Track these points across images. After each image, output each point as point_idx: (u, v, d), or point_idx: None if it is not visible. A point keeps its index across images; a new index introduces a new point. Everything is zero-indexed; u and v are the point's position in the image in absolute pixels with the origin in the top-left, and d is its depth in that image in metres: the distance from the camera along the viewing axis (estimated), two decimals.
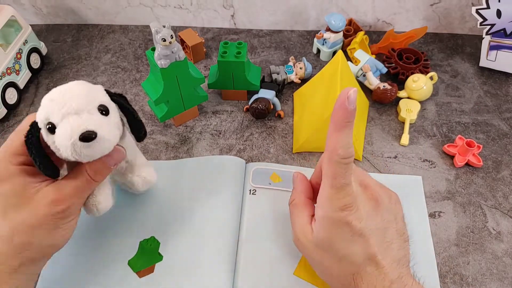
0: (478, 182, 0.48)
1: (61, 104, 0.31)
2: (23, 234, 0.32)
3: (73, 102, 0.31)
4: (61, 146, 0.31)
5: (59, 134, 0.30)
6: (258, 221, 0.45)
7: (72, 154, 0.31)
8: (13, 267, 0.32)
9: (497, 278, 0.40)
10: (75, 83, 0.33)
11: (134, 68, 0.65)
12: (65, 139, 0.30)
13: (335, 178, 0.32)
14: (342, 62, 0.49)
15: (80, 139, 0.30)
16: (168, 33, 0.43)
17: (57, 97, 0.31)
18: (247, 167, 0.50)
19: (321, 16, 0.68)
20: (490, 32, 0.58)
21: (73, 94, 0.31)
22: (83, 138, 0.30)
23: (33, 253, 0.33)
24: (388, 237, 0.34)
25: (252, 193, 0.47)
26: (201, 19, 0.71)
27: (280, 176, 0.48)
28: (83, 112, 0.31)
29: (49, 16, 0.73)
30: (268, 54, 0.66)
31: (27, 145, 0.32)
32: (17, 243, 0.32)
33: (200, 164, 0.50)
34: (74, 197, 0.34)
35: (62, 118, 0.30)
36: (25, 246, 0.32)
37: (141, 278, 0.41)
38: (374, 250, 0.32)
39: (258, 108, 0.53)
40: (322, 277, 0.37)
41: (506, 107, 0.56)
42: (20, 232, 0.31)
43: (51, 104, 0.31)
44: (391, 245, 0.33)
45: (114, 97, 0.35)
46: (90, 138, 0.30)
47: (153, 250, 0.43)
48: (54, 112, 0.31)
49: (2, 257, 0.31)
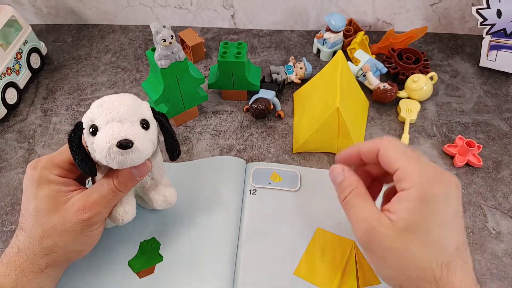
0: (478, 182, 0.48)
1: (109, 110, 0.33)
2: (52, 237, 0.34)
3: (120, 110, 0.33)
4: (97, 148, 0.33)
5: (99, 136, 0.32)
6: (259, 220, 0.45)
7: (106, 157, 0.32)
8: (41, 267, 0.34)
9: (497, 278, 0.40)
10: (126, 94, 0.35)
11: (134, 68, 0.65)
12: (104, 142, 0.32)
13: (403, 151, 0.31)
14: (342, 62, 0.49)
15: (117, 146, 0.32)
16: (168, 34, 0.43)
17: (107, 103, 0.33)
18: (247, 167, 0.50)
19: (321, 16, 0.68)
20: (490, 32, 0.58)
21: (121, 103, 0.33)
22: (120, 145, 0.32)
23: (59, 256, 0.35)
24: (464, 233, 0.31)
25: (252, 193, 0.47)
26: (201, 19, 0.71)
27: (280, 176, 0.49)
28: (126, 122, 0.33)
29: (49, 16, 0.73)
30: (268, 54, 0.66)
31: (69, 142, 0.34)
32: (45, 245, 0.34)
33: (200, 165, 0.50)
34: (100, 205, 0.35)
35: (106, 123, 0.33)
36: (52, 248, 0.34)
37: (141, 279, 0.41)
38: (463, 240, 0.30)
39: (258, 108, 0.53)
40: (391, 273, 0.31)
41: (506, 107, 0.56)
42: (50, 235, 0.34)
43: (99, 109, 0.33)
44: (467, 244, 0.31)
45: (156, 115, 0.37)
46: (127, 146, 0.32)
47: (153, 250, 0.43)
48: (100, 116, 0.33)
49: (32, 257, 0.34)
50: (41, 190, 0.35)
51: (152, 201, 0.41)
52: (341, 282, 0.40)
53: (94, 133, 0.33)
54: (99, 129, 0.33)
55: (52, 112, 0.59)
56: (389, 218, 0.30)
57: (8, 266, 0.33)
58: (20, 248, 0.34)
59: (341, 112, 0.45)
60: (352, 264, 0.41)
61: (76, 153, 0.34)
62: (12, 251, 0.34)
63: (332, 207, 0.46)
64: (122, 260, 0.42)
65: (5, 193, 0.49)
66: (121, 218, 0.38)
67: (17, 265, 0.33)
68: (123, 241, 0.43)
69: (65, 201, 0.35)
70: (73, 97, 0.61)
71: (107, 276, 0.41)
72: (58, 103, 0.60)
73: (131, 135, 0.32)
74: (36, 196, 0.35)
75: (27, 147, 0.54)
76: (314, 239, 0.43)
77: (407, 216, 0.29)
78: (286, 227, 0.44)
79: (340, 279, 0.40)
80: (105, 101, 0.34)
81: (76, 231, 0.35)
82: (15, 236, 0.35)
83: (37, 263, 0.34)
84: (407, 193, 0.30)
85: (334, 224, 0.44)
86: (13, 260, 0.33)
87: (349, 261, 0.41)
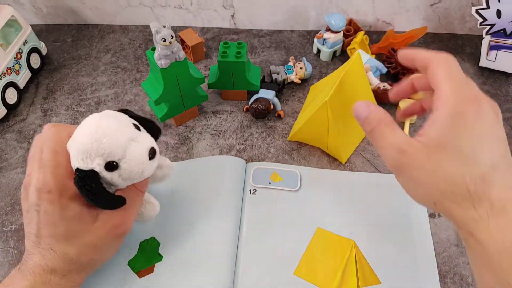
0: None
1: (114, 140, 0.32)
2: (87, 255, 0.35)
3: (124, 133, 0.33)
4: (133, 173, 0.33)
5: (129, 164, 0.33)
6: (259, 220, 0.45)
7: (147, 174, 0.34)
8: (76, 282, 0.36)
9: None
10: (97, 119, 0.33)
11: (134, 68, 0.65)
12: (138, 164, 0.33)
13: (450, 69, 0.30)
14: (354, 63, 0.48)
15: (150, 158, 0.34)
16: (168, 33, 0.43)
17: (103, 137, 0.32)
18: (248, 167, 0.50)
19: (321, 16, 0.68)
20: (490, 32, 0.58)
21: (113, 127, 0.33)
22: (152, 156, 0.34)
23: (93, 268, 0.37)
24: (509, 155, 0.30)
25: (252, 193, 0.47)
26: (201, 19, 0.71)
27: (280, 176, 0.49)
28: (136, 136, 0.34)
29: (49, 16, 0.73)
30: (268, 54, 0.66)
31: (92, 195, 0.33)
32: (83, 261, 0.35)
33: (200, 165, 0.50)
34: (132, 215, 0.37)
35: (125, 150, 0.33)
36: (88, 264, 0.36)
37: (140, 278, 0.41)
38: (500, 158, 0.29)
39: (258, 108, 0.53)
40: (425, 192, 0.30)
41: (506, 107, 0.56)
42: (85, 253, 0.35)
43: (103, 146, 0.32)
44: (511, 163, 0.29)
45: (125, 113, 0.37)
46: (154, 153, 0.34)
47: (153, 250, 0.43)
48: (113, 150, 0.32)
49: (69, 274, 0.35)
50: (67, 211, 0.34)
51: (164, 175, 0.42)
52: (341, 282, 0.40)
53: (115, 167, 0.33)
54: (120, 160, 0.33)
55: (52, 112, 0.59)
56: (420, 141, 0.29)
57: (44, 285, 0.33)
58: (53, 268, 0.34)
59: (329, 107, 0.45)
60: (352, 264, 0.41)
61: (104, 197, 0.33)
62: (43, 270, 0.33)
63: (332, 207, 0.46)
64: (122, 260, 0.42)
65: (5, 193, 0.49)
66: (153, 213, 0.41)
67: (54, 284, 0.34)
68: (123, 241, 0.43)
69: (92, 218, 0.35)
70: (73, 97, 0.61)
71: (107, 276, 0.41)
72: (58, 103, 0.60)
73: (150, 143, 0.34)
74: (63, 218, 0.34)
75: (27, 147, 0.54)
76: (314, 239, 0.43)
77: (437, 135, 0.29)
78: (286, 227, 0.44)
79: (340, 279, 0.40)
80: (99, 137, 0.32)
81: (112, 245, 0.37)
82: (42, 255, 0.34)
83: (73, 278, 0.35)
84: (439, 113, 0.29)
85: (334, 224, 0.44)
86: (48, 279, 0.33)
87: (349, 261, 0.42)
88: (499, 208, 0.27)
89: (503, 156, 0.29)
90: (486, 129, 0.29)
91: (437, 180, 0.29)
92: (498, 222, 0.27)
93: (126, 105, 0.59)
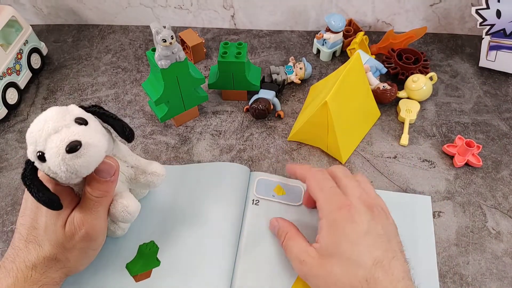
0: (477, 182, 0.48)
1: (40, 130, 0.32)
2: (63, 253, 0.35)
3: (49, 123, 0.32)
4: (54, 167, 0.31)
5: (49, 156, 0.31)
6: (259, 232, 0.44)
7: (68, 170, 0.31)
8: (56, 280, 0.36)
9: (496, 278, 0.41)
10: (47, 110, 0.33)
11: (134, 68, 0.65)
12: (55, 157, 0.31)
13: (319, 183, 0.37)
14: (354, 64, 0.48)
15: (67, 151, 0.31)
16: (169, 34, 0.43)
17: (34, 127, 0.32)
18: (252, 176, 0.49)
19: (321, 17, 0.68)
20: (490, 32, 0.58)
21: (46, 117, 0.32)
22: (69, 149, 0.31)
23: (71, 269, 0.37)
24: (392, 247, 0.33)
25: (255, 203, 0.46)
26: (201, 20, 0.71)
27: (284, 189, 0.48)
28: (62, 128, 0.32)
29: (49, 16, 0.73)
30: (268, 54, 0.66)
31: (26, 183, 0.33)
32: (59, 260, 0.35)
33: (204, 170, 0.49)
34: (90, 218, 0.35)
35: (45, 141, 0.31)
36: (65, 263, 0.36)
37: (137, 283, 0.40)
38: (380, 254, 0.32)
39: (258, 108, 0.53)
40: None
41: (506, 107, 0.57)
42: (61, 252, 0.35)
43: (32, 135, 0.32)
44: (396, 256, 0.33)
45: (88, 109, 0.36)
46: (75, 147, 0.31)
47: (151, 254, 0.42)
48: (38, 140, 0.32)
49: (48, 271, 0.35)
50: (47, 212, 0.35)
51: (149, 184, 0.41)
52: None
53: (43, 158, 0.32)
54: (45, 151, 0.31)
55: None
56: (315, 248, 0.35)
57: (25, 282, 0.33)
58: (35, 264, 0.34)
59: (329, 108, 0.44)
60: None
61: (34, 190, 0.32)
62: (26, 265, 0.34)
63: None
64: (121, 262, 0.42)
65: (5, 193, 0.49)
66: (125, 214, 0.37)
67: (35, 281, 0.34)
68: (123, 242, 0.43)
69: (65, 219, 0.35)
70: (73, 97, 0.61)
71: (104, 278, 0.41)
72: (58, 103, 0.60)
73: (74, 136, 0.31)
74: (48, 211, 0.35)
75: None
76: None
77: (324, 242, 0.34)
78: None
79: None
80: (32, 126, 0.32)
81: (82, 247, 0.36)
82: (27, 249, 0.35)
83: (52, 276, 0.35)
84: (321, 223, 0.35)
85: None
86: (29, 276, 0.34)
87: None
88: None
89: (385, 250, 0.33)
90: (361, 229, 0.33)
91: (331, 286, 0.33)
92: None
93: (127, 106, 0.59)
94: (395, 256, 0.33)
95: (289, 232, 0.39)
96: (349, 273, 0.32)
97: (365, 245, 0.32)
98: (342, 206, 0.34)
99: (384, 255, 0.32)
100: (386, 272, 0.31)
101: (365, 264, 0.32)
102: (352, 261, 0.32)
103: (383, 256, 0.32)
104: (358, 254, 0.32)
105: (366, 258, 0.32)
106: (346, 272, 0.32)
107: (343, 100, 0.47)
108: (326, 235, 0.34)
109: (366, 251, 0.32)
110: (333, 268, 0.33)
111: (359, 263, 0.32)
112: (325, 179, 0.38)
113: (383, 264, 0.32)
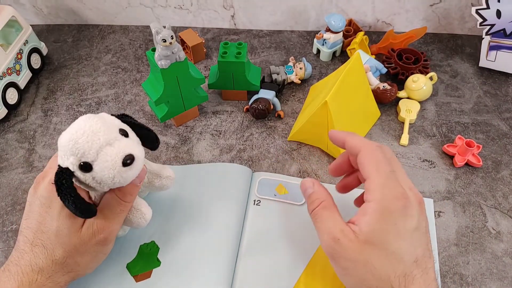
0: (477, 182, 0.48)
1: (88, 142, 0.32)
2: (73, 257, 0.35)
3: (100, 136, 0.32)
4: (104, 178, 0.33)
5: (100, 168, 0.32)
6: (260, 233, 0.44)
7: (119, 181, 0.33)
8: (61, 284, 0.36)
9: (496, 278, 0.41)
10: (84, 119, 0.33)
11: (134, 68, 0.65)
12: (109, 169, 0.32)
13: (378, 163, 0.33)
14: (354, 64, 0.48)
15: (123, 165, 0.33)
16: (169, 34, 0.43)
17: (80, 138, 0.32)
18: (254, 176, 0.49)
19: (321, 17, 0.68)
20: (490, 32, 0.58)
21: (93, 129, 0.33)
22: (125, 162, 0.33)
23: (78, 273, 0.37)
24: (429, 246, 0.33)
25: (256, 204, 0.46)
26: (201, 20, 0.71)
27: (286, 188, 0.48)
28: (114, 141, 0.33)
29: (49, 16, 0.73)
30: (268, 54, 0.66)
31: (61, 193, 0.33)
32: (67, 264, 0.35)
33: (206, 171, 0.49)
34: (113, 223, 0.36)
35: (97, 153, 0.32)
36: (74, 267, 0.36)
37: (137, 283, 0.40)
38: (421, 252, 0.31)
39: (258, 108, 0.53)
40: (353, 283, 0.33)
41: (506, 107, 0.57)
42: (71, 256, 0.35)
43: (78, 147, 0.32)
44: (431, 255, 0.32)
45: (122, 118, 0.37)
46: (131, 161, 0.33)
47: (152, 255, 0.42)
48: (87, 152, 0.32)
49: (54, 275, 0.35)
50: (63, 209, 0.35)
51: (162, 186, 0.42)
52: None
53: (88, 169, 0.32)
54: (92, 163, 0.32)
55: (52, 112, 0.59)
56: (353, 230, 0.32)
57: (30, 286, 0.33)
58: (42, 267, 0.34)
59: (329, 108, 0.44)
60: None
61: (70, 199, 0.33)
62: (32, 269, 0.34)
63: None
64: (121, 261, 0.42)
65: (5, 193, 0.50)
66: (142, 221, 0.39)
67: (39, 285, 0.34)
68: (123, 242, 0.43)
69: (81, 222, 0.36)
70: (73, 97, 0.61)
71: (105, 278, 0.41)
72: (58, 103, 0.60)
73: (128, 150, 0.33)
74: (60, 216, 0.35)
75: (28, 147, 0.55)
76: (315, 257, 0.42)
77: (367, 230, 0.31)
78: (288, 241, 0.43)
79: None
80: (77, 137, 0.32)
81: (95, 251, 0.36)
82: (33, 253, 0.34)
83: (57, 280, 0.35)
84: (369, 206, 0.32)
85: None
86: (35, 280, 0.34)
87: None
88: None
89: (425, 248, 0.32)
90: (412, 225, 0.31)
91: (366, 275, 0.31)
92: None
93: (127, 106, 0.59)
94: (431, 256, 0.32)
95: (326, 201, 0.35)
96: (388, 266, 0.31)
97: (411, 241, 0.31)
98: (400, 197, 0.32)
99: (424, 253, 0.31)
100: (423, 271, 0.31)
101: (408, 260, 0.31)
102: (396, 255, 0.31)
103: (423, 255, 0.31)
104: (403, 249, 0.31)
105: (409, 254, 0.31)
106: (386, 265, 0.31)
107: (343, 100, 0.47)
108: (373, 222, 0.31)
109: (411, 247, 0.31)
110: (371, 257, 0.31)
111: (402, 258, 0.31)
112: (385, 160, 0.34)
113: (422, 262, 0.31)
